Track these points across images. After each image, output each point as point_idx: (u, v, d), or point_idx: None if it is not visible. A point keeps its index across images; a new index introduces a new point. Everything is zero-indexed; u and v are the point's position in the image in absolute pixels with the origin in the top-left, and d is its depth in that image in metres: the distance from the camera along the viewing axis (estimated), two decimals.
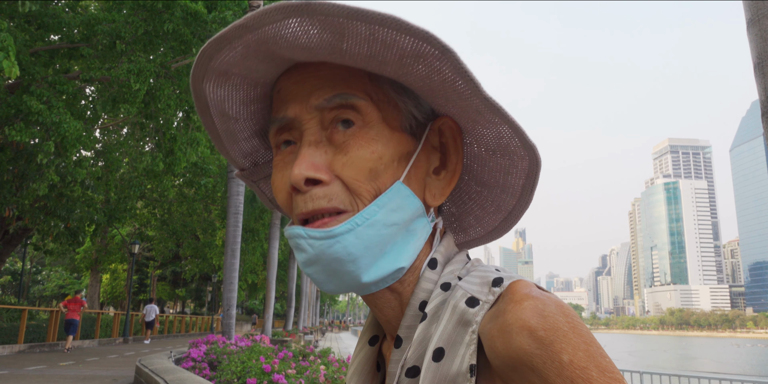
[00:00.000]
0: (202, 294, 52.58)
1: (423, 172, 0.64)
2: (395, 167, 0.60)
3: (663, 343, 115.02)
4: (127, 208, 19.12)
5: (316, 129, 0.60)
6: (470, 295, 0.56)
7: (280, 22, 0.54)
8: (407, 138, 0.62)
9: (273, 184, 0.64)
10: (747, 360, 56.58)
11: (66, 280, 54.63)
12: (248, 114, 0.69)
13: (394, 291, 0.63)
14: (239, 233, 10.49)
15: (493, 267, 0.61)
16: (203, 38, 14.08)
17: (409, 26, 0.52)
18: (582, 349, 0.48)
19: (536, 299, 0.51)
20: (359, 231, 0.57)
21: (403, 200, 0.60)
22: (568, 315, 0.50)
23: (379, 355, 0.69)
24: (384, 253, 0.59)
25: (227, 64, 0.61)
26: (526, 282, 0.55)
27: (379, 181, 0.59)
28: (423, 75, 0.57)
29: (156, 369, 7.50)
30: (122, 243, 31.16)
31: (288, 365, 7.06)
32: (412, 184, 0.62)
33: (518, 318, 0.50)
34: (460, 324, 0.55)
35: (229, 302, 10.26)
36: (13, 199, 14.21)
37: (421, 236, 0.63)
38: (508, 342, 0.50)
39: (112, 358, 15.74)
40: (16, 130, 11.53)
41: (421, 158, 0.64)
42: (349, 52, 0.56)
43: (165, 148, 16.08)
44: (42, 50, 14.11)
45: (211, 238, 27.64)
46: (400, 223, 0.60)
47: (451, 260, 0.63)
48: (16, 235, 18.58)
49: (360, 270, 0.58)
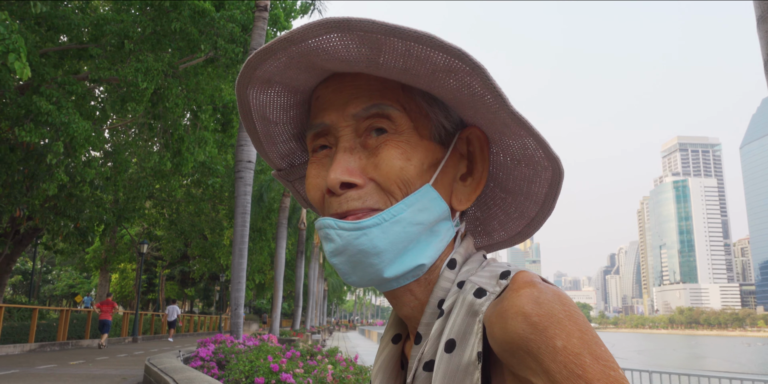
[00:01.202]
0: (210, 293, 52.79)
1: (450, 178, 0.67)
2: (424, 171, 0.64)
3: (672, 342, 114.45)
4: (135, 208, 19.23)
5: (351, 136, 0.64)
6: (478, 286, 0.59)
7: (322, 36, 0.58)
8: (436, 146, 0.66)
9: (307, 181, 0.68)
10: (758, 359, 56.16)
11: (76, 280, 55.01)
12: (287, 118, 0.74)
13: (415, 289, 0.65)
14: (247, 233, 10.52)
15: (506, 263, 0.63)
16: (211, 37, 14.12)
17: (442, 44, 0.55)
18: (576, 336, 0.48)
19: (534, 287, 0.53)
20: (385, 226, 0.60)
21: (430, 202, 0.63)
22: (564, 303, 0.51)
23: (403, 354, 0.71)
24: (407, 250, 0.62)
25: (270, 73, 0.65)
26: (530, 273, 0.58)
27: (409, 183, 0.62)
28: (453, 88, 0.61)
29: (165, 368, 7.54)
30: (131, 243, 31.33)
31: (296, 364, 7.08)
32: (440, 189, 0.65)
33: (514, 304, 0.52)
34: (469, 314, 0.57)
35: (237, 302, 10.29)
36: (24, 199, 14.31)
37: (444, 238, 0.65)
38: (504, 327, 0.51)
39: (122, 357, 15.83)
40: (26, 131, 11.61)
41: (449, 165, 0.67)
42: (385, 66, 0.60)
43: (173, 148, 16.14)
44: (52, 51, 14.20)
45: (219, 238, 27.75)
46: (425, 223, 0.63)
47: (469, 260, 0.66)
48: (27, 235, 18.73)
49: (383, 263, 0.61)
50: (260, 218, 24.14)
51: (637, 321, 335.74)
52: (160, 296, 40.95)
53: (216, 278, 44.87)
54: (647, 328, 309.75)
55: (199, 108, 16.18)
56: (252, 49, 11.42)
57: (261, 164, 22.81)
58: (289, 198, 21.59)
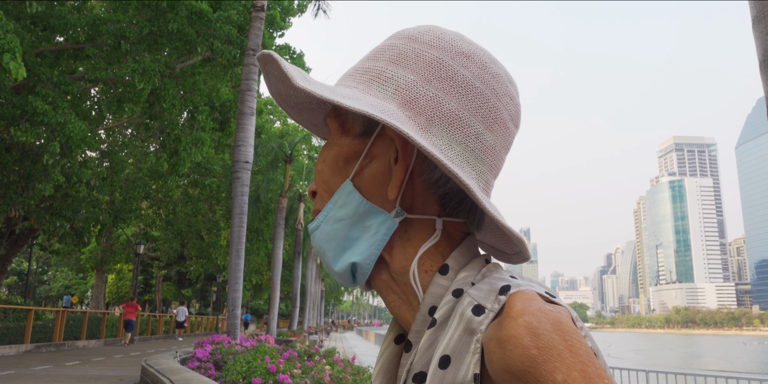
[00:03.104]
0: (207, 294, 52.75)
1: (383, 165, 0.63)
2: (342, 168, 0.65)
3: (669, 341, 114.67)
4: (132, 209, 19.18)
5: None
6: (476, 302, 0.56)
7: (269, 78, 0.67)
8: (358, 141, 0.65)
9: None
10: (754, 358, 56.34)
11: (72, 281, 54.89)
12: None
13: (393, 291, 0.64)
14: (244, 233, 10.51)
15: (508, 274, 0.60)
16: (208, 37, 14.10)
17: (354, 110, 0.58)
18: (577, 369, 0.46)
19: (531, 315, 0.50)
20: (322, 227, 0.66)
21: (347, 197, 0.64)
22: (564, 332, 0.48)
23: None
24: (344, 248, 0.65)
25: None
26: (529, 293, 0.54)
27: (331, 183, 0.66)
28: None
29: (162, 369, 7.52)
30: (127, 243, 31.28)
31: (293, 365, 7.07)
32: (368, 181, 0.63)
33: (512, 335, 0.49)
34: (466, 332, 0.55)
35: (234, 302, 10.27)
36: (19, 199, 14.27)
37: (378, 232, 0.62)
38: (503, 358, 0.49)
39: (118, 358, 15.80)
40: (21, 131, 11.58)
41: (377, 153, 0.63)
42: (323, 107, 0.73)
43: (170, 149, 16.12)
44: (47, 51, 14.16)
45: (216, 239, 27.73)
46: (344, 218, 0.64)
47: (467, 266, 0.63)
48: (22, 236, 18.67)
49: (330, 261, 0.66)
50: (257, 219, 24.12)
51: (633, 321, 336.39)
52: (156, 297, 40.87)
53: (213, 279, 44.83)
54: (644, 328, 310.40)
55: (196, 108, 16.15)
56: (249, 49, 11.40)
57: (258, 165, 22.80)
58: (287, 199, 21.57)
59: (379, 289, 0.66)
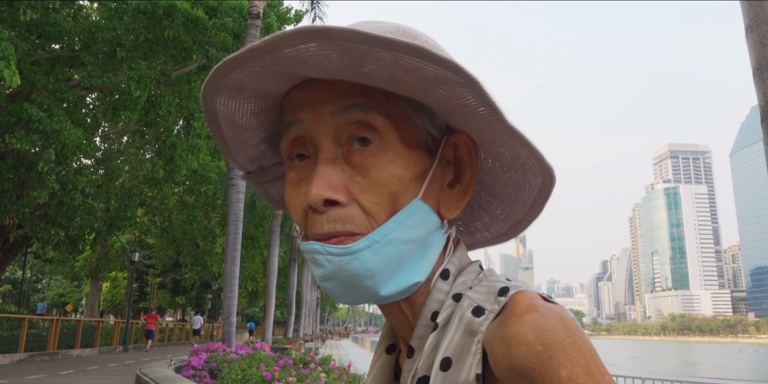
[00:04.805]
0: (202, 302, 52.44)
1: (438, 186, 0.63)
2: (413, 186, 0.60)
3: (665, 348, 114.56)
4: (127, 216, 19.12)
5: (331, 145, 0.59)
6: (476, 304, 0.57)
7: (299, 45, 0.52)
8: (423, 155, 0.62)
9: (288, 202, 0.63)
10: (749, 365, 56.32)
11: (66, 289, 54.52)
12: (258, 123, 0.68)
13: (407, 300, 0.63)
14: (239, 241, 10.48)
15: (503, 277, 0.61)
16: (203, 45, 14.13)
17: (433, 56, 0.51)
18: (581, 365, 0.47)
19: (537, 312, 0.51)
20: (377, 247, 0.57)
21: (421, 217, 0.60)
22: (569, 328, 0.50)
23: (398, 365, 0.69)
24: (400, 269, 0.59)
25: (240, 82, 0.60)
26: (530, 293, 0.55)
27: (397, 202, 0.59)
28: (444, 98, 0.57)
29: (156, 377, 7.47)
30: (122, 251, 31.11)
31: (288, 373, 7.03)
32: (428, 199, 0.62)
33: (517, 332, 0.50)
34: (466, 333, 0.55)
35: (230, 310, 10.22)
36: (14, 207, 14.20)
37: (437, 249, 0.63)
38: (508, 355, 0.50)
39: (113, 366, 15.68)
40: (16, 138, 11.55)
41: (436, 173, 0.63)
42: (370, 75, 0.55)
43: (165, 156, 16.09)
44: (43, 59, 14.15)
45: (211, 246, 27.62)
46: (418, 239, 0.59)
47: (464, 271, 0.63)
48: (17, 244, 18.56)
49: (377, 285, 0.58)
50: (253, 226, 24.04)
51: (629, 328, 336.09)
52: (151, 305, 40.65)
53: (208, 286, 44.59)
54: (640, 335, 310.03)
55: (192, 115, 16.15)
56: None
57: None
58: None
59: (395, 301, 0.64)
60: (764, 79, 3.69)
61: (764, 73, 3.69)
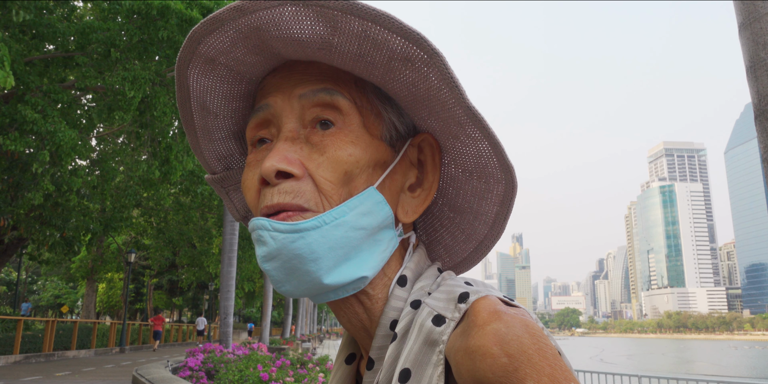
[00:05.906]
0: (198, 302, 52.34)
1: (398, 186, 0.63)
2: (370, 173, 0.60)
3: (661, 346, 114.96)
4: (123, 217, 19.07)
5: (294, 125, 0.60)
6: (436, 312, 0.54)
7: (275, 8, 0.54)
8: (386, 147, 0.62)
9: (243, 183, 0.62)
10: (745, 362, 56.58)
11: (62, 290, 54.36)
12: (229, 111, 0.68)
13: (363, 305, 0.61)
14: (236, 241, 10.48)
15: (462, 280, 0.59)
16: None
17: (401, 25, 0.52)
18: (546, 374, 0.46)
19: (500, 321, 0.49)
20: (325, 229, 0.55)
21: (374, 205, 0.59)
22: (533, 335, 0.48)
23: (358, 374, 0.67)
24: (348, 258, 0.57)
25: (215, 51, 0.60)
26: (491, 299, 0.53)
27: (352, 186, 0.58)
28: (409, 82, 0.57)
29: (153, 378, 7.45)
30: (118, 252, 31.04)
31: (286, 373, 7.03)
32: (386, 194, 0.61)
33: (481, 344, 0.48)
34: (426, 343, 0.53)
35: (226, 310, 10.22)
36: (8, 208, 14.15)
37: (388, 248, 0.61)
38: (473, 369, 0.48)
39: (109, 367, 15.64)
40: (10, 140, 11.51)
41: (397, 172, 0.63)
42: (339, 49, 0.56)
43: (161, 157, 16.05)
44: (37, 59, 14.10)
45: (208, 246, 27.56)
46: (368, 228, 0.58)
47: (422, 275, 0.62)
48: (12, 245, 18.48)
49: (321, 271, 0.56)
50: None
51: (626, 326, 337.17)
52: (148, 306, 40.55)
53: (205, 287, 44.53)
54: (636, 333, 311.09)
55: None
56: None
57: None
58: None
59: (345, 303, 0.62)
60: (758, 77, 3.71)
61: (758, 71, 3.71)
